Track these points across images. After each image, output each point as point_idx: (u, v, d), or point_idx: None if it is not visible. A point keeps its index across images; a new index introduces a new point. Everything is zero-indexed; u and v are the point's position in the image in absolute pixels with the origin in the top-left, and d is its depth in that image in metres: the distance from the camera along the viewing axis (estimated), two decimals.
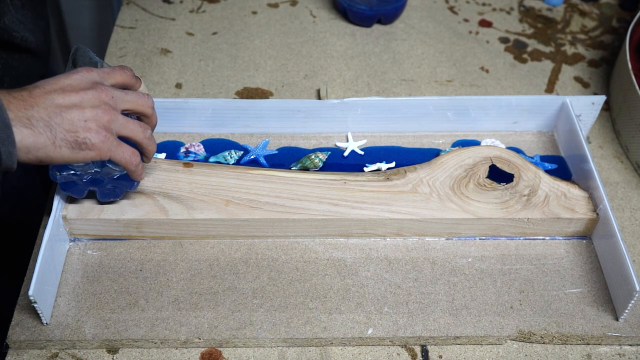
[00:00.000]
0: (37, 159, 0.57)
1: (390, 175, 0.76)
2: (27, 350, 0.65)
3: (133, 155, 0.63)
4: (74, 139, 0.58)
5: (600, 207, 0.72)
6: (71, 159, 0.59)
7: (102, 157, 0.61)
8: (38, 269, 0.64)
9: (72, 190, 0.69)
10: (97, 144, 0.59)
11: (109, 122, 0.60)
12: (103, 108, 0.60)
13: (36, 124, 0.56)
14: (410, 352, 0.67)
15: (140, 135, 0.64)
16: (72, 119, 0.58)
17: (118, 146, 0.62)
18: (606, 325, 0.67)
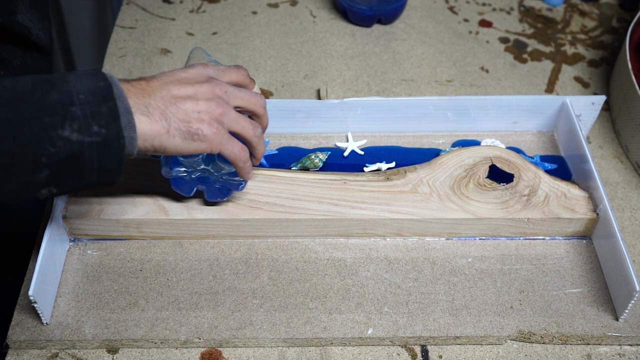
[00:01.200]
0: (153, 147, 0.58)
1: (390, 175, 0.76)
2: (27, 350, 0.66)
3: (242, 151, 0.63)
4: (187, 129, 0.59)
5: (600, 207, 0.72)
6: (183, 150, 0.59)
7: (212, 150, 0.61)
8: (38, 269, 0.64)
9: (180, 187, 0.70)
10: (208, 135, 0.59)
11: (221, 115, 0.60)
12: (216, 101, 0.60)
13: (153, 112, 0.57)
14: (410, 352, 0.67)
15: (251, 132, 0.63)
16: (187, 110, 0.59)
17: (228, 140, 0.62)
18: (606, 325, 0.67)
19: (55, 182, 0.54)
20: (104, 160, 0.55)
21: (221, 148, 0.61)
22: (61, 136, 0.52)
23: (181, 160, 0.68)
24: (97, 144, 0.53)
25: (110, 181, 0.57)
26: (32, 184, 0.53)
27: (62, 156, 0.52)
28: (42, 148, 0.52)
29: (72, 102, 0.53)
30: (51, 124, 0.52)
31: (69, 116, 0.52)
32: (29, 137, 0.51)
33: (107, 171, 0.56)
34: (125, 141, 0.55)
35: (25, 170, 0.52)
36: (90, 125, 0.53)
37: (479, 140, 0.83)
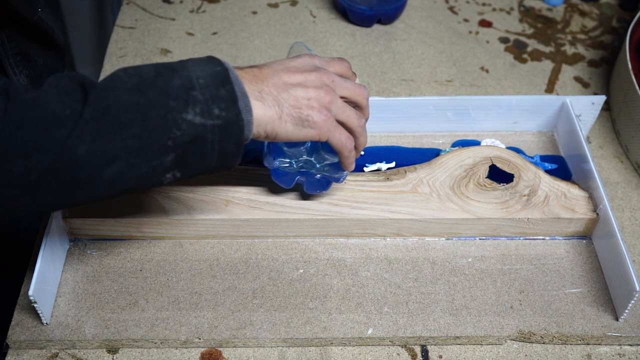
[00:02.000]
0: (265, 132, 0.59)
1: (390, 175, 0.76)
2: (27, 350, 0.66)
3: (348, 139, 0.63)
4: (298, 115, 0.59)
5: (600, 207, 0.72)
6: (293, 136, 0.60)
7: (320, 137, 0.61)
8: (38, 269, 0.64)
9: (281, 179, 0.70)
10: (318, 122, 0.60)
11: (329, 103, 0.61)
12: (325, 89, 0.61)
13: (266, 98, 0.58)
14: (410, 352, 0.67)
15: (355, 122, 0.64)
16: (297, 96, 0.60)
17: (336, 128, 0.62)
18: (606, 325, 0.67)
19: (179, 165, 0.55)
20: (225, 143, 0.55)
21: (329, 135, 0.62)
22: (185, 119, 0.53)
23: (285, 150, 0.68)
24: (218, 127, 0.54)
25: (228, 165, 0.58)
26: (160, 167, 0.54)
27: (186, 139, 0.54)
28: (169, 131, 0.53)
29: (193, 86, 0.54)
30: (176, 107, 0.53)
31: (191, 100, 0.54)
32: (157, 121, 0.52)
33: (227, 154, 0.56)
34: (244, 124, 0.56)
35: (154, 153, 0.53)
36: (211, 109, 0.54)
37: (479, 140, 0.83)
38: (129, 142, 0.52)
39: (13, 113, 0.49)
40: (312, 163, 0.70)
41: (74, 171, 0.51)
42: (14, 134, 0.49)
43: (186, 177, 0.57)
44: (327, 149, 0.69)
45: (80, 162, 0.51)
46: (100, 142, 0.51)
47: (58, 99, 0.51)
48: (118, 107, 0.52)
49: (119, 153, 0.52)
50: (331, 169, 0.70)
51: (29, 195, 0.51)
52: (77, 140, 0.50)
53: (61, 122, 0.50)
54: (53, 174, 0.50)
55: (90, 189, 0.53)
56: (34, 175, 0.50)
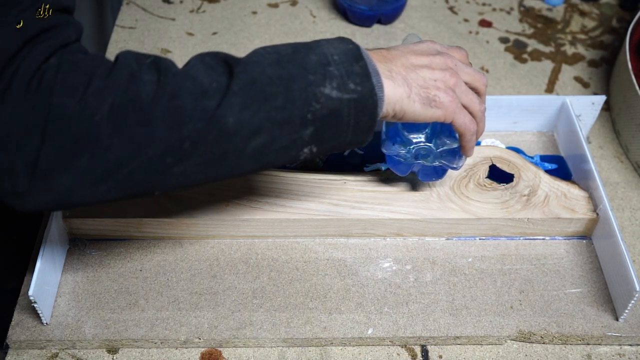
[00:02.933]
0: (394, 111, 0.59)
1: (390, 175, 0.76)
2: (27, 350, 0.66)
3: (472, 122, 0.63)
4: (425, 94, 0.60)
5: (600, 207, 0.72)
6: (420, 116, 0.60)
7: (445, 118, 0.61)
8: (38, 269, 0.64)
9: (397, 166, 0.70)
10: (445, 102, 0.60)
11: (454, 85, 0.62)
12: (450, 72, 0.62)
13: (395, 77, 0.59)
14: (410, 352, 0.67)
15: (477, 107, 0.64)
16: (425, 77, 0.60)
17: (461, 110, 0.62)
18: (606, 325, 0.67)
19: (317, 139, 0.56)
20: (359, 117, 0.56)
21: (454, 117, 0.62)
22: (323, 93, 0.54)
23: (404, 135, 0.69)
24: (354, 101, 0.55)
25: (361, 140, 0.58)
26: (299, 141, 0.55)
27: (324, 112, 0.55)
28: (308, 104, 0.54)
29: (328, 62, 0.56)
30: (314, 81, 0.55)
31: (328, 75, 0.55)
32: (298, 94, 0.54)
33: (361, 129, 0.57)
34: (378, 99, 0.57)
35: (294, 126, 0.54)
36: (347, 84, 0.55)
37: (479, 140, 0.83)
38: (272, 114, 0.53)
39: (166, 84, 0.51)
40: (430, 149, 0.70)
41: (223, 142, 0.53)
42: (168, 104, 0.51)
43: (322, 152, 0.58)
44: (447, 134, 0.69)
45: (229, 132, 0.52)
46: (247, 113, 0.53)
47: (205, 72, 0.53)
48: (263, 80, 0.54)
49: (264, 124, 0.53)
50: (448, 156, 0.69)
51: (181, 165, 0.52)
52: (226, 110, 0.52)
53: (209, 93, 0.52)
54: (204, 144, 0.52)
55: (235, 162, 0.54)
56: (187, 144, 0.52)
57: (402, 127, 0.70)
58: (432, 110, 0.60)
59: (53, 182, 0.50)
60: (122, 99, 0.50)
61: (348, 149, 0.60)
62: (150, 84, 0.51)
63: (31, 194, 0.51)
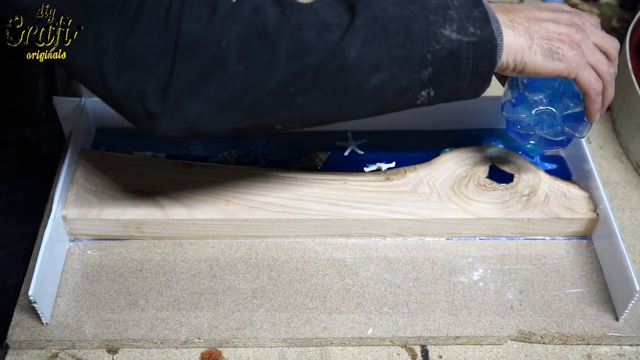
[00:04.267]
0: (514, 62, 0.59)
1: (390, 175, 0.76)
2: (27, 350, 0.65)
3: (597, 81, 0.62)
4: (548, 46, 0.59)
5: (600, 207, 0.72)
6: (541, 68, 0.60)
7: (568, 73, 0.60)
8: (38, 269, 0.64)
9: (518, 133, 0.69)
10: (568, 55, 0.60)
11: (580, 41, 0.61)
12: (576, 28, 0.61)
13: (517, 27, 0.59)
14: (410, 352, 0.67)
15: (605, 68, 0.62)
16: (548, 29, 0.60)
17: (586, 66, 0.61)
18: (606, 325, 0.67)
19: (435, 81, 0.57)
20: (478, 61, 0.57)
21: (578, 72, 0.60)
22: (443, 34, 0.55)
23: (526, 96, 0.67)
24: (473, 44, 0.56)
25: (478, 87, 0.59)
26: (418, 81, 0.56)
27: (444, 53, 0.55)
28: (428, 44, 0.55)
29: (448, 6, 0.56)
30: (435, 22, 0.55)
31: (448, 18, 0.56)
32: (419, 33, 0.55)
33: (479, 74, 0.57)
34: (497, 44, 0.57)
35: (414, 65, 0.55)
36: (466, 27, 0.56)
37: (479, 139, 0.83)
38: (393, 50, 0.54)
39: (290, 15, 0.53)
40: (552, 114, 0.68)
41: (344, 75, 0.54)
42: (292, 34, 0.53)
43: (439, 97, 0.58)
44: (571, 95, 0.67)
45: (350, 66, 0.54)
46: (369, 48, 0.54)
47: (328, 8, 0.55)
48: (385, 17, 0.55)
49: (384, 61, 0.54)
50: (572, 122, 0.67)
51: (304, 96, 0.54)
52: (349, 43, 0.53)
53: (332, 28, 0.54)
54: (326, 75, 0.54)
55: (355, 98, 0.56)
56: (309, 74, 0.53)
57: (524, 86, 0.68)
58: (555, 63, 0.60)
59: (183, 108, 0.53)
60: (248, 28, 0.53)
61: (465, 98, 0.60)
62: (275, 16, 0.53)
63: (162, 117, 0.53)
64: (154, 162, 0.76)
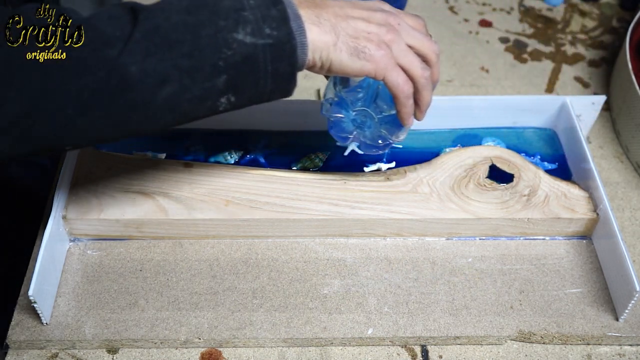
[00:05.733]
0: (320, 59, 0.58)
1: (390, 175, 0.76)
2: (27, 350, 0.66)
3: (406, 83, 0.60)
4: (354, 45, 0.58)
5: (600, 207, 0.72)
6: (348, 67, 0.58)
7: (376, 73, 0.59)
8: (38, 269, 0.64)
9: (338, 133, 0.68)
10: (375, 55, 0.58)
11: (390, 41, 0.59)
12: (388, 27, 0.59)
13: (323, 23, 0.57)
14: (410, 352, 0.67)
15: (419, 71, 0.60)
16: (357, 27, 0.58)
17: (394, 67, 0.59)
18: (606, 325, 0.67)
19: (233, 88, 0.55)
20: (277, 64, 0.55)
21: (385, 74, 0.59)
22: (236, 39, 0.53)
23: (342, 95, 0.66)
24: (270, 46, 0.54)
25: (284, 89, 0.57)
26: (213, 89, 0.54)
27: (237, 59, 0.53)
28: (219, 51, 0.53)
29: (243, 7, 0.54)
30: (226, 27, 0.53)
31: (241, 20, 0.54)
32: (207, 40, 0.53)
33: (281, 76, 0.56)
34: (297, 44, 0.55)
35: (205, 74, 0.53)
36: (262, 28, 0.54)
37: (479, 138, 0.83)
38: (179, 61, 0.52)
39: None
40: (370, 115, 0.67)
41: (127, 92, 0.51)
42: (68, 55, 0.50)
43: (243, 102, 0.57)
44: (385, 97, 0.65)
45: (132, 81, 0.51)
46: (151, 61, 0.51)
47: (108, 22, 0.52)
48: (167, 27, 0.52)
49: (171, 73, 0.52)
50: (388, 125, 0.67)
51: (85, 117, 0.51)
52: (127, 58, 0.51)
53: (112, 42, 0.51)
54: (106, 94, 0.51)
55: (145, 113, 0.53)
56: (86, 94, 0.50)
57: (341, 86, 0.67)
58: (361, 63, 0.58)
59: None
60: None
61: (274, 98, 0.58)
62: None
63: None
64: (154, 162, 0.76)
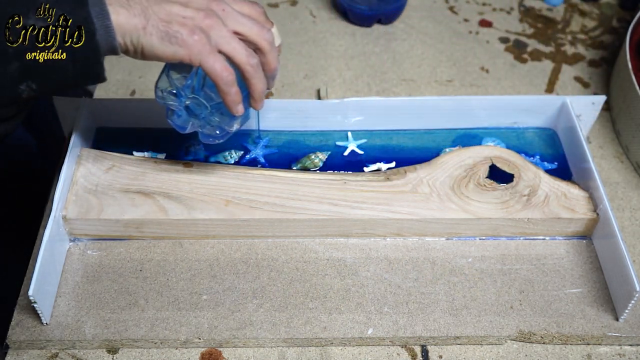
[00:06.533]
0: (131, 44, 0.56)
1: (390, 175, 0.76)
2: (27, 350, 0.66)
3: (225, 70, 0.58)
4: (165, 29, 0.56)
5: (600, 207, 0.72)
6: (159, 51, 0.57)
7: (191, 59, 0.58)
8: (38, 269, 0.64)
9: (175, 121, 0.66)
10: (187, 40, 0.56)
11: (208, 27, 0.57)
12: (207, 13, 0.58)
13: (133, 6, 0.56)
14: (410, 352, 0.67)
15: (243, 58, 0.59)
16: (171, 11, 0.57)
17: (210, 53, 0.58)
18: (606, 325, 0.67)
19: (30, 75, 0.53)
20: (77, 49, 0.53)
21: (201, 59, 0.57)
22: (28, 23, 0.52)
23: (172, 79, 0.64)
24: (65, 30, 0.52)
25: (93, 73, 0.55)
26: (7, 76, 0.52)
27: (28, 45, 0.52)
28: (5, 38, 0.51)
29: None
30: (16, 12, 0.52)
31: (32, 5, 0.52)
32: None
33: (84, 60, 0.54)
34: (97, 28, 0.54)
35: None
36: (57, 12, 0.52)
37: (479, 138, 0.83)
38: None
39: None
40: (202, 103, 0.64)
41: None
42: None
43: (46, 90, 0.55)
44: (212, 85, 0.62)
45: None
46: None
47: None
48: None
49: None
50: (222, 114, 0.65)
51: None
52: None
53: None
54: None
55: None
56: None
57: (170, 72, 0.65)
58: (173, 48, 0.57)
59: None
60: None
61: (87, 84, 0.56)
62: None
63: None
64: (154, 162, 0.76)
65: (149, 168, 0.75)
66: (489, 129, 0.84)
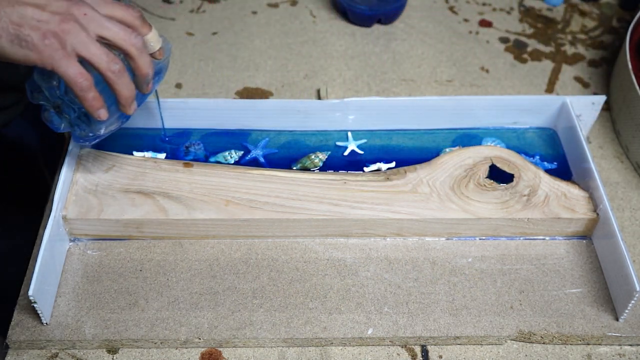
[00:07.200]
0: None
1: (390, 175, 0.76)
2: (27, 350, 0.65)
3: (81, 75, 0.57)
4: (16, 32, 0.55)
5: (600, 207, 0.72)
6: (10, 54, 0.56)
7: (43, 63, 0.56)
8: (38, 269, 0.64)
9: (49, 121, 0.65)
10: (37, 44, 0.55)
11: (64, 32, 0.56)
12: (64, 17, 0.56)
13: None
14: (410, 352, 0.67)
15: (104, 64, 0.57)
16: (24, 14, 0.55)
17: (63, 58, 0.56)
18: (606, 325, 0.67)
19: None
20: None
21: (53, 64, 0.56)
22: None
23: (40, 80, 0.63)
24: None
25: None
26: None
27: None
28: None
29: None
30: None
31: None
32: None
33: None
34: None
35: None
36: None
37: (479, 138, 0.83)
38: None
39: None
40: (69, 105, 0.63)
41: None
42: None
43: None
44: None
45: None
46: None
47: None
48: None
49: None
50: (88, 119, 0.64)
51: None
52: None
53: None
54: None
55: None
56: None
57: (36, 74, 0.63)
58: (24, 51, 0.55)
59: None
60: None
61: None
62: None
63: None
64: (154, 162, 0.76)
65: (149, 168, 0.75)
66: (489, 129, 0.84)
